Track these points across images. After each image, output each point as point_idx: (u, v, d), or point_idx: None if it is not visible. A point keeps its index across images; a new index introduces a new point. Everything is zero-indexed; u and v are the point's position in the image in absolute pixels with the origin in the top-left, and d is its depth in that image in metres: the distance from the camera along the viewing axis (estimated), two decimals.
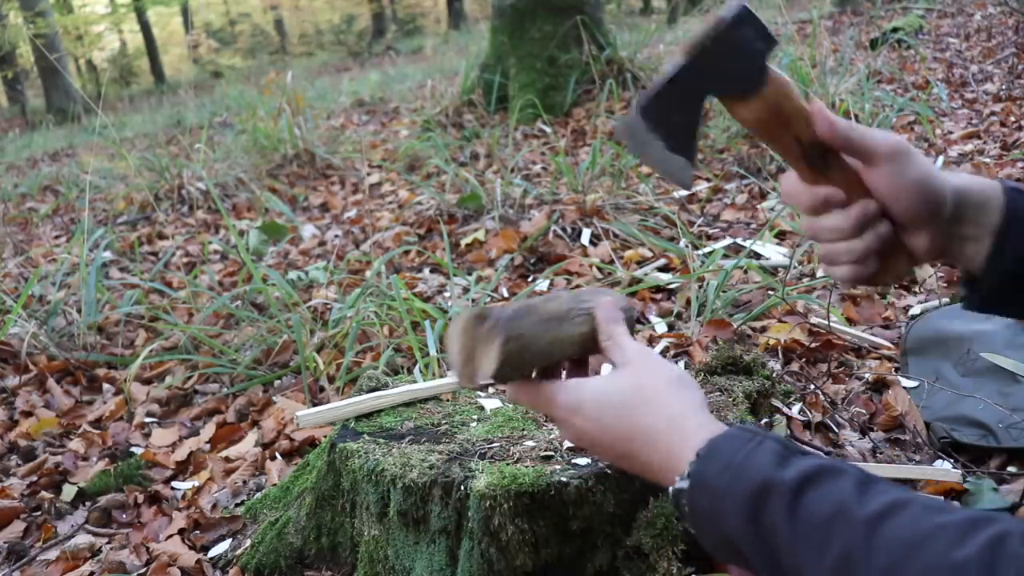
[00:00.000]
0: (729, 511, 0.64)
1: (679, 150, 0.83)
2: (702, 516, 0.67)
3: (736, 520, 0.63)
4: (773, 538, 0.61)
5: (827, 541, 0.58)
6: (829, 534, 0.58)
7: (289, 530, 1.31)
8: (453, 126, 4.85)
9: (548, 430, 1.14)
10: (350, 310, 2.16)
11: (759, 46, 0.78)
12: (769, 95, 0.79)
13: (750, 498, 0.62)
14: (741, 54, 0.78)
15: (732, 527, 0.64)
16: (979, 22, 5.85)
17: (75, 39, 19.05)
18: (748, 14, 0.77)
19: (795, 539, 0.60)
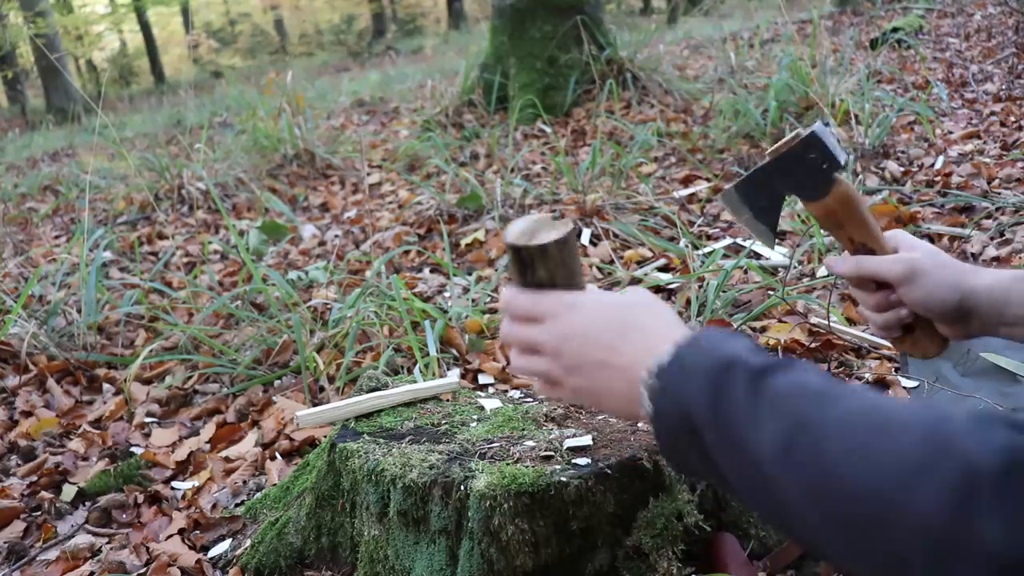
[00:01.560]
0: (694, 382, 0.66)
1: (763, 221, 1.07)
2: (669, 392, 0.68)
3: (698, 390, 0.65)
4: (729, 406, 0.63)
5: (782, 410, 0.60)
6: (786, 404, 0.60)
7: (289, 530, 1.31)
8: (453, 126, 4.85)
9: (548, 430, 1.14)
10: (350, 310, 2.15)
11: (824, 166, 0.98)
12: (829, 203, 1.00)
13: (717, 371, 0.65)
14: (807, 170, 0.99)
15: (693, 398, 0.66)
16: (979, 22, 5.85)
17: (75, 39, 19.05)
18: (817, 140, 0.98)
19: (750, 408, 0.62)
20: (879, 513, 0.53)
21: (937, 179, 2.76)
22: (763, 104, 3.68)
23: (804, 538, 0.61)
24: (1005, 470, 0.48)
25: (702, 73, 5.33)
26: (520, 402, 1.28)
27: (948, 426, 0.52)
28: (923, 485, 0.51)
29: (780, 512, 0.61)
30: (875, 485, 0.53)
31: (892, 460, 0.53)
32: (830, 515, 0.57)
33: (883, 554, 0.53)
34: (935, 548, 0.50)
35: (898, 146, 3.17)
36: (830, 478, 0.56)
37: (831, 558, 0.62)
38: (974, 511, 0.48)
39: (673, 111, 4.47)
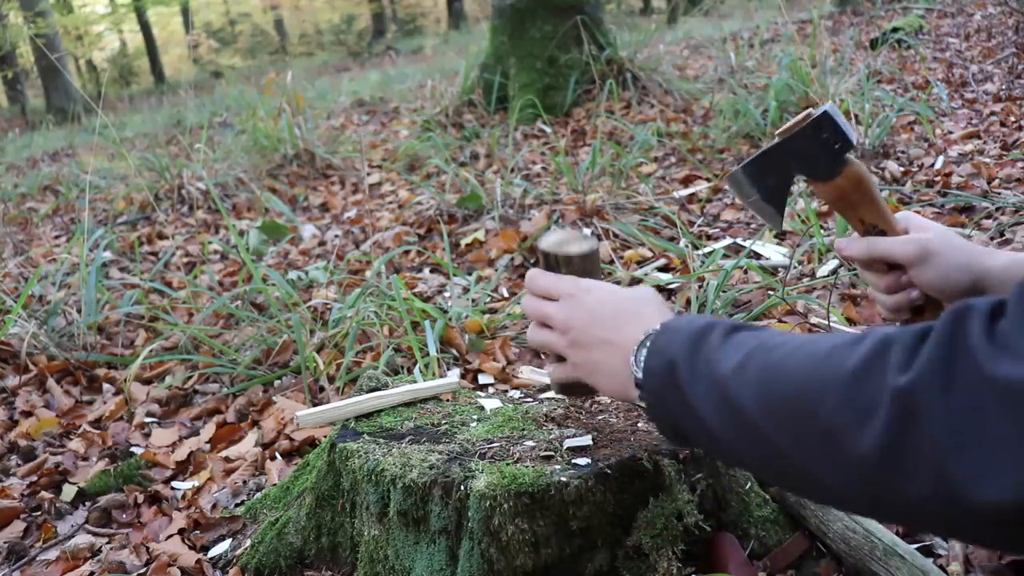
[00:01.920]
0: (678, 339, 0.77)
1: (772, 203, 1.07)
2: (657, 349, 0.80)
3: (681, 343, 0.77)
4: (704, 350, 0.74)
5: (744, 345, 0.72)
6: (748, 341, 0.72)
7: (289, 530, 1.31)
8: (453, 126, 4.85)
9: (548, 430, 1.14)
10: (350, 310, 2.15)
11: (836, 146, 0.98)
12: (840, 184, 0.99)
13: (698, 330, 0.77)
14: (817, 150, 0.98)
15: (676, 349, 0.77)
16: (979, 22, 5.85)
17: (75, 39, 19.05)
18: (829, 120, 0.98)
19: (720, 347, 0.73)
20: (814, 387, 0.63)
21: (937, 179, 2.76)
22: (763, 104, 3.68)
23: (761, 453, 0.69)
24: (920, 336, 0.57)
25: (702, 73, 5.33)
26: (520, 402, 1.28)
27: (873, 330, 0.63)
28: (849, 356, 0.61)
29: (741, 429, 0.69)
30: (809, 365, 0.64)
31: (824, 347, 0.64)
32: (776, 404, 0.66)
33: (818, 432, 0.62)
34: (856, 399, 0.59)
35: (898, 146, 3.17)
36: (775, 372, 0.67)
37: (781, 468, 0.68)
38: (889, 361, 0.58)
39: (673, 111, 4.47)
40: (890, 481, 0.58)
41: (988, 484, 0.52)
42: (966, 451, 0.53)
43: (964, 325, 0.55)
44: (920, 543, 1.14)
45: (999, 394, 0.51)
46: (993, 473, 0.51)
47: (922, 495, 0.56)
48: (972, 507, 0.53)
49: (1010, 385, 0.50)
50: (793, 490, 0.76)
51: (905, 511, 0.59)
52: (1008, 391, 0.51)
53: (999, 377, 0.51)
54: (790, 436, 0.65)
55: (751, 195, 1.07)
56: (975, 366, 0.53)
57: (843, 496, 0.64)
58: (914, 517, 0.60)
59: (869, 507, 0.63)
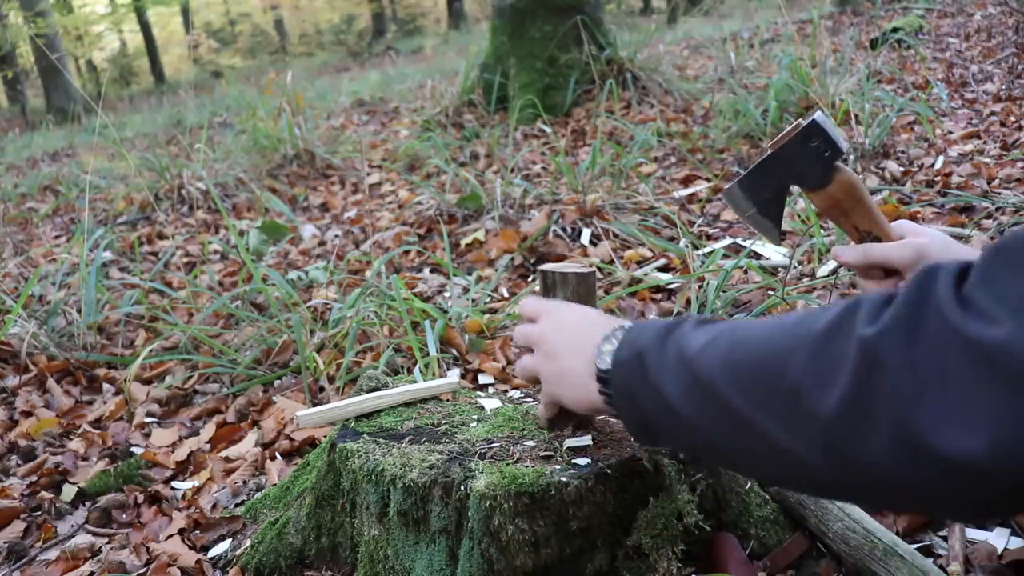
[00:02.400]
0: (649, 332, 0.80)
1: (768, 216, 1.09)
2: (627, 341, 0.83)
3: (651, 335, 0.79)
4: (675, 336, 0.76)
5: (714, 328, 0.74)
6: (718, 326, 0.74)
7: (289, 530, 1.31)
8: (453, 126, 4.85)
9: (549, 431, 1.14)
10: (350, 310, 2.15)
11: (825, 155, 1.00)
12: (832, 191, 1.02)
13: (668, 324, 0.79)
14: (808, 159, 1.01)
15: (645, 341, 0.79)
16: (979, 22, 5.85)
17: (75, 39, 19.05)
18: (818, 128, 1.00)
19: (692, 333, 0.75)
20: (782, 351, 0.64)
21: (937, 179, 2.76)
22: (763, 104, 3.68)
23: (725, 427, 0.69)
24: (889, 297, 0.59)
25: (702, 73, 5.33)
26: (520, 402, 1.28)
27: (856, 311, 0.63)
28: (819, 320, 0.62)
29: (706, 403, 0.70)
30: (778, 332, 0.66)
31: (796, 317, 0.66)
32: (741, 371, 0.67)
33: (783, 394, 0.62)
34: (822, 357, 0.60)
35: (898, 146, 3.17)
36: (743, 342, 0.69)
37: (744, 444, 0.68)
38: (857, 318, 0.59)
39: (673, 111, 4.47)
40: (853, 437, 0.58)
41: (949, 434, 0.52)
42: (928, 400, 0.54)
43: (932, 283, 0.56)
44: (920, 543, 1.14)
45: (963, 349, 0.52)
46: (954, 423, 0.52)
47: (884, 449, 0.56)
48: (933, 458, 0.54)
49: (975, 342, 0.52)
50: (761, 472, 0.75)
51: (866, 472, 0.59)
52: (972, 347, 0.52)
53: (964, 333, 0.52)
54: (754, 401, 0.65)
55: (748, 209, 1.09)
56: (941, 320, 0.54)
57: (804, 466, 0.63)
58: (875, 479, 0.59)
59: (830, 473, 0.62)
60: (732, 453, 0.72)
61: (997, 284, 0.53)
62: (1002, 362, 0.51)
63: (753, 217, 1.09)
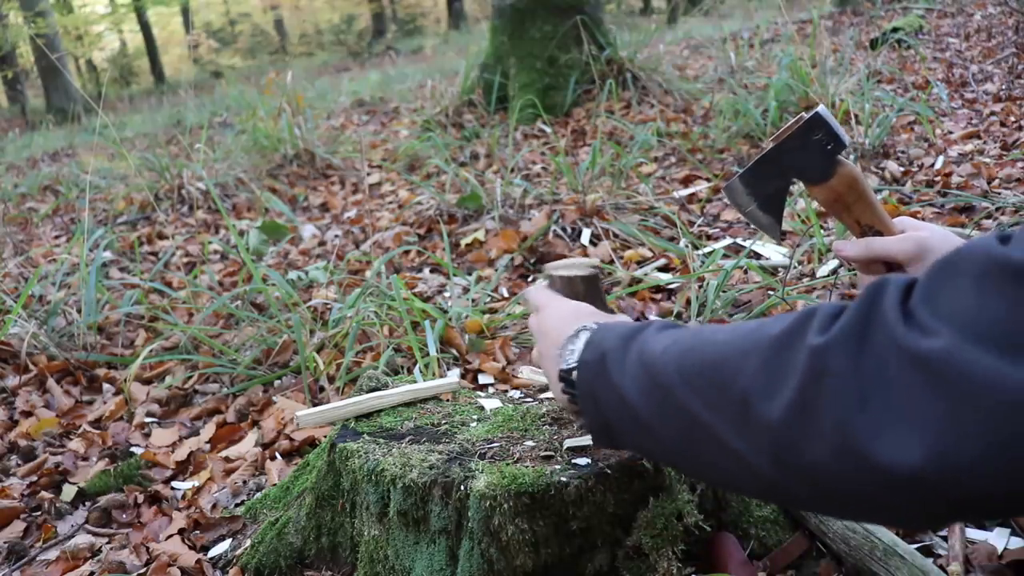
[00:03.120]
0: (613, 334, 0.81)
1: (769, 212, 1.08)
2: (592, 342, 0.83)
3: (615, 337, 0.80)
4: (637, 340, 0.77)
5: (675, 333, 0.75)
6: (679, 330, 0.76)
7: (289, 530, 1.31)
8: (453, 126, 4.85)
9: (548, 430, 1.14)
10: (350, 310, 2.15)
11: (827, 148, 1.00)
12: (834, 185, 1.01)
13: (633, 327, 0.80)
14: (811, 152, 1.00)
15: (609, 343, 0.80)
16: (979, 22, 5.85)
17: (75, 39, 19.04)
18: (821, 120, 0.99)
19: (653, 337, 0.76)
20: (736, 355, 0.65)
21: (937, 179, 2.76)
22: (763, 104, 3.68)
23: (681, 429, 0.70)
24: (842, 308, 0.60)
25: (702, 73, 5.33)
26: (520, 402, 1.28)
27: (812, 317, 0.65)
28: (774, 326, 0.64)
29: (663, 404, 0.71)
30: (735, 337, 0.67)
31: (755, 323, 0.67)
32: (697, 374, 0.68)
33: (735, 398, 0.63)
34: (772, 364, 0.62)
35: (898, 146, 3.17)
36: (702, 346, 0.70)
37: (699, 447, 0.69)
38: (810, 326, 0.61)
39: (673, 111, 4.47)
40: (798, 445, 0.59)
41: (887, 443, 0.54)
42: (869, 410, 0.55)
43: (880, 297, 0.58)
44: (920, 543, 1.14)
45: (903, 360, 0.54)
46: (892, 433, 0.54)
47: (827, 457, 0.57)
48: (873, 467, 0.55)
49: (913, 353, 0.53)
50: (714, 477, 0.75)
51: (813, 480, 0.60)
52: (911, 358, 0.54)
53: (904, 344, 0.54)
54: (708, 406, 0.67)
55: (748, 205, 1.09)
56: (886, 334, 0.56)
57: (756, 472, 0.64)
58: (822, 487, 0.60)
59: (781, 479, 0.63)
60: (689, 458, 0.72)
61: (938, 299, 0.55)
62: (937, 372, 0.52)
63: (754, 213, 1.09)
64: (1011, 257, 0.52)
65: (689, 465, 0.76)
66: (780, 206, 1.08)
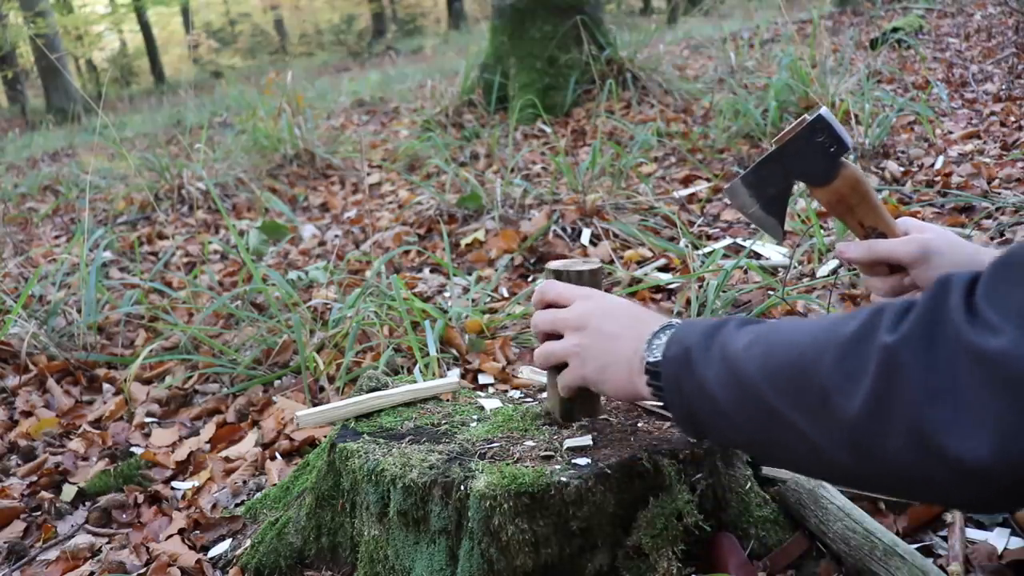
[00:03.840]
0: (696, 329, 0.84)
1: (771, 213, 1.08)
2: (675, 338, 0.86)
3: (698, 333, 0.83)
4: (719, 336, 0.80)
5: (755, 329, 0.78)
6: (759, 327, 0.78)
7: (289, 530, 1.31)
8: (453, 126, 4.85)
9: (548, 430, 1.14)
10: (350, 310, 2.15)
11: (831, 150, 1.00)
12: (837, 187, 1.01)
13: (714, 323, 0.83)
14: (814, 153, 1.00)
15: (693, 338, 0.83)
16: (979, 22, 5.85)
17: (75, 39, 19.04)
18: (823, 122, 0.99)
19: (735, 333, 0.79)
20: (813, 352, 0.68)
21: (937, 179, 2.76)
22: (763, 104, 3.68)
23: (763, 422, 0.73)
24: (909, 305, 0.64)
25: (702, 73, 5.33)
26: (520, 402, 1.28)
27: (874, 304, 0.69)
28: (848, 324, 0.67)
29: (746, 399, 0.74)
30: (811, 334, 0.70)
31: (829, 320, 0.70)
32: (777, 369, 0.71)
33: (814, 393, 0.67)
34: (848, 360, 0.64)
35: (898, 146, 3.17)
36: (780, 342, 0.73)
37: (780, 438, 0.73)
38: (880, 324, 0.63)
39: (673, 111, 4.47)
40: (874, 437, 0.63)
41: (958, 437, 0.57)
42: (940, 405, 0.58)
43: (945, 295, 0.60)
44: (920, 543, 1.14)
45: (972, 359, 0.56)
46: (963, 427, 0.57)
47: (902, 449, 0.61)
48: (945, 458, 0.58)
49: (980, 351, 0.56)
50: (791, 463, 0.81)
51: (887, 468, 0.63)
52: (979, 358, 0.56)
53: (971, 342, 0.57)
54: (787, 399, 0.70)
55: (751, 206, 1.09)
56: (953, 331, 0.58)
57: (832, 461, 0.68)
58: (895, 475, 0.63)
59: (856, 468, 0.67)
60: (769, 448, 0.77)
61: (1001, 296, 0.57)
62: (1003, 369, 0.54)
63: (756, 214, 1.09)
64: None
65: (769, 455, 0.81)
66: (783, 207, 1.09)
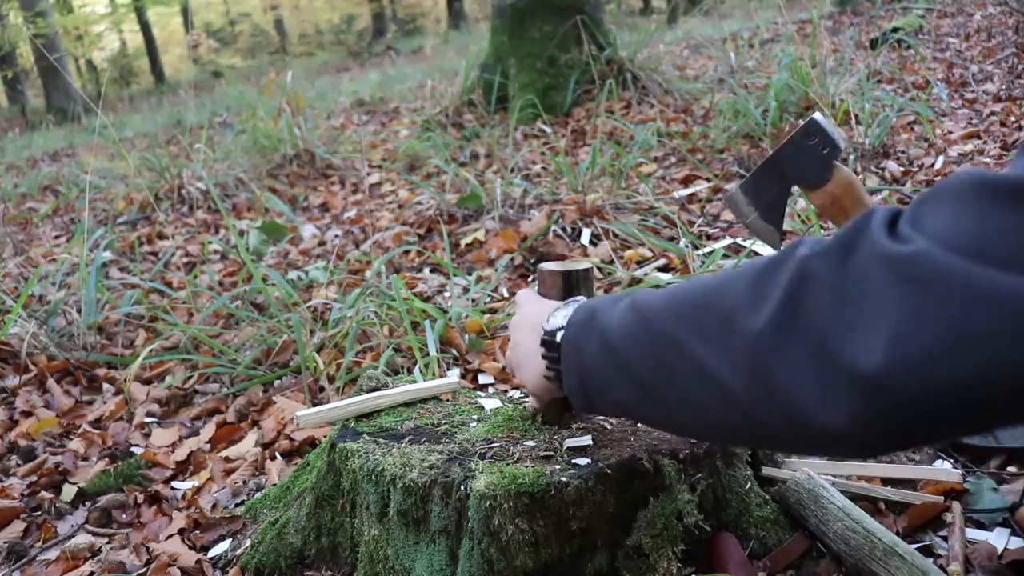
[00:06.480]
0: (607, 297, 0.86)
1: (769, 220, 1.12)
2: (584, 306, 0.87)
3: (609, 298, 0.85)
4: (629, 296, 0.81)
5: (667, 288, 0.78)
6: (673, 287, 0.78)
7: (289, 530, 1.31)
8: (453, 126, 4.85)
9: (549, 431, 1.14)
10: (350, 310, 2.15)
11: (824, 152, 1.04)
12: (831, 189, 1.06)
13: (627, 292, 0.86)
14: (810, 156, 1.05)
15: (602, 303, 0.84)
16: (979, 22, 5.85)
17: (75, 39, 19.04)
18: (817, 125, 1.04)
19: (645, 291, 0.80)
20: (725, 283, 0.69)
21: (937, 179, 2.76)
22: (763, 104, 3.68)
23: (663, 362, 0.73)
24: (825, 239, 0.63)
25: (702, 73, 5.32)
26: (520, 402, 1.28)
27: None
28: (766, 258, 0.66)
29: (648, 341, 0.74)
30: (728, 273, 0.70)
31: (739, 268, 0.70)
32: (685, 303, 0.72)
33: (718, 317, 0.67)
34: (760, 283, 0.65)
35: (898, 146, 3.17)
36: (692, 284, 0.74)
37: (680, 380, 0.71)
38: (798, 249, 0.64)
39: (673, 111, 4.47)
40: (776, 351, 0.62)
41: (859, 343, 0.57)
42: (847, 313, 0.58)
43: (868, 218, 0.62)
44: (920, 543, 1.14)
45: (881, 265, 0.57)
46: (865, 333, 0.56)
47: (798, 362, 0.60)
48: (837, 367, 0.57)
49: (891, 257, 0.57)
50: (679, 414, 0.75)
51: (779, 394, 0.62)
52: (887, 261, 0.57)
53: (885, 251, 0.58)
54: (690, 328, 0.70)
55: (749, 215, 1.13)
56: (870, 244, 0.59)
57: (727, 393, 0.66)
58: (786, 404, 0.61)
59: (749, 400, 0.64)
60: (661, 394, 0.74)
61: (921, 217, 0.59)
62: (909, 270, 0.55)
63: (755, 222, 1.13)
64: (991, 177, 0.55)
65: (662, 408, 0.76)
66: (780, 214, 1.12)
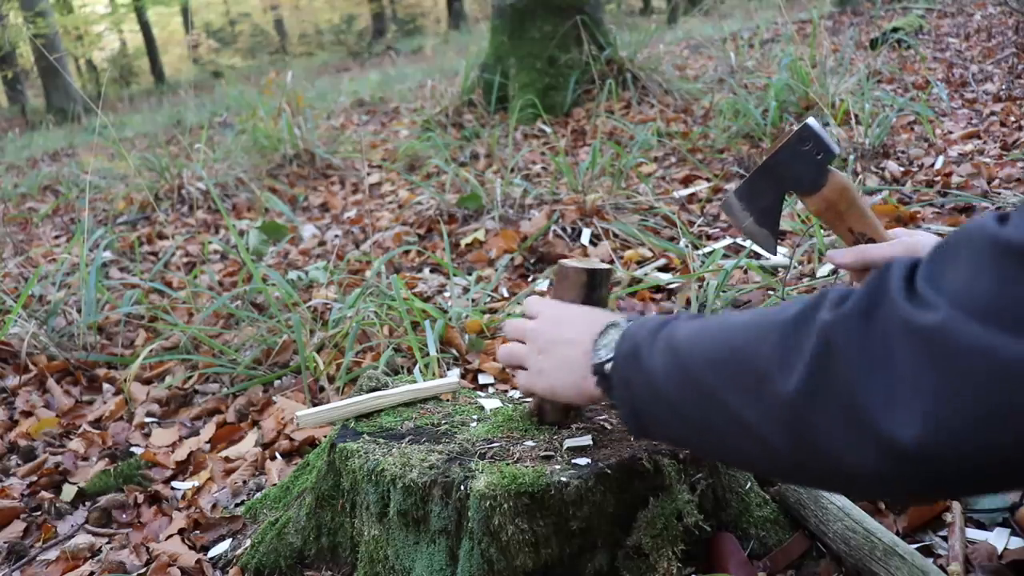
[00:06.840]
0: (645, 325, 0.85)
1: (764, 225, 1.11)
2: (626, 335, 0.87)
3: (647, 328, 0.84)
4: (667, 329, 0.81)
5: (702, 321, 0.79)
6: (707, 319, 0.80)
7: (289, 530, 1.31)
8: (453, 126, 4.85)
9: (549, 431, 1.14)
10: (350, 310, 2.15)
11: (818, 157, 1.04)
12: (827, 194, 1.05)
13: (663, 319, 0.84)
14: (804, 162, 1.04)
15: (642, 334, 0.84)
16: (979, 22, 5.85)
17: (75, 39, 19.03)
18: (810, 131, 1.04)
19: (681, 325, 0.80)
20: (756, 336, 0.69)
21: (937, 179, 2.76)
22: (763, 104, 3.68)
23: (705, 409, 0.73)
24: (848, 293, 0.64)
25: (702, 73, 5.32)
26: (520, 402, 1.28)
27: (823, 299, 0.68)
28: (791, 309, 0.67)
29: (689, 386, 0.75)
30: (756, 319, 0.71)
31: (775, 308, 0.71)
32: (720, 353, 0.72)
33: (753, 375, 0.67)
34: (787, 342, 0.65)
35: (898, 146, 3.17)
36: (725, 329, 0.74)
37: (722, 426, 0.72)
38: (822, 306, 0.64)
39: (673, 111, 4.47)
40: (809, 416, 0.62)
41: (891, 415, 0.57)
42: (875, 383, 0.58)
43: (887, 276, 0.61)
44: (920, 543, 1.14)
45: (906, 333, 0.57)
46: (896, 405, 0.57)
47: (834, 426, 0.60)
48: (876, 435, 0.58)
49: (915, 327, 0.57)
50: (733, 455, 0.77)
51: (822, 453, 0.62)
52: (912, 331, 0.57)
53: (907, 318, 0.57)
54: (728, 383, 0.70)
55: (744, 220, 1.12)
56: (890, 308, 0.59)
57: (769, 447, 0.67)
58: (831, 461, 0.62)
59: (793, 454, 0.65)
60: (712, 440, 0.76)
61: (939, 276, 0.58)
62: (934, 344, 0.55)
63: (750, 228, 1.13)
64: (1005, 236, 0.55)
65: (713, 448, 0.79)
66: (776, 219, 1.12)
